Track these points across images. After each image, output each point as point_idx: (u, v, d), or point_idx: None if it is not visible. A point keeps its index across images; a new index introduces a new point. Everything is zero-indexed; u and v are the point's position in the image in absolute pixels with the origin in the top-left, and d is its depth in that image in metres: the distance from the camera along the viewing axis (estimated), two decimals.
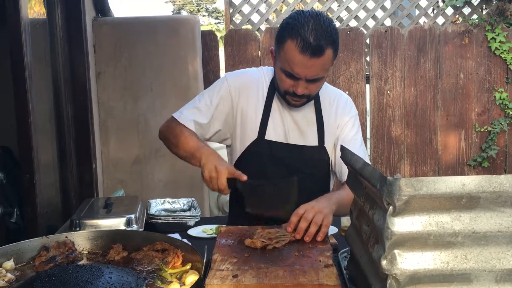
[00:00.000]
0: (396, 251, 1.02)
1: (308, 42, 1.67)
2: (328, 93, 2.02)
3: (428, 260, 1.02)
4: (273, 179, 1.83)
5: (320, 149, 1.96)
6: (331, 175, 2.03)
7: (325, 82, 2.06)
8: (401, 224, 1.00)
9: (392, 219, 1.00)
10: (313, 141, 1.95)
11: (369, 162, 1.32)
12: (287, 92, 1.83)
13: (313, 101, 1.95)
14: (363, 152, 1.98)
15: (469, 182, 0.97)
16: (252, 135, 1.94)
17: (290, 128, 1.94)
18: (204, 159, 1.74)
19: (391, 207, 1.00)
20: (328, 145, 1.97)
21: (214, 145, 2.09)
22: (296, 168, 1.93)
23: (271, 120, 1.94)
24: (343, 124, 1.99)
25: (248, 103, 1.95)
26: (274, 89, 1.94)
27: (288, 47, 1.72)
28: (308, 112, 1.96)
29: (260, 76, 1.99)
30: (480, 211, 1.00)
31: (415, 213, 1.00)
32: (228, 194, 1.86)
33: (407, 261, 1.02)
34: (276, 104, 1.95)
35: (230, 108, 1.95)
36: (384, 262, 1.02)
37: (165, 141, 1.99)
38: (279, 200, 1.67)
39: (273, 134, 1.93)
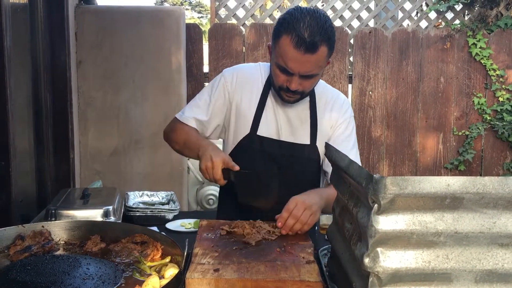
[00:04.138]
0: (379, 249, 1.02)
1: (303, 38, 1.67)
2: (326, 92, 2.03)
3: (410, 259, 1.03)
4: (263, 170, 1.89)
5: (312, 147, 1.95)
6: (321, 174, 2.03)
7: (325, 82, 2.07)
8: (385, 223, 1.01)
9: (376, 217, 1.01)
10: (305, 139, 1.95)
11: (360, 164, 1.31)
12: (281, 88, 1.83)
13: (308, 99, 1.95)
14: (354, 154, 1.96)
15: (453, 183, 0.98)
16: (244, 130, 1.94)
17: (283, 124, 1.94)
18: (201, 151, 1.77)
19: (376, 205, 1.00)
20: (320, 144, 1.95)
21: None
22: (286, 165, 1.93)
23: (265, 116, 1.94)
24: (337, 124, 1.98)
25: (242, 98, 1.95)
26: (270, 85, 1.94)
27: (282, 42, 1.72)
28: (302, 110, 1.96)
29: (256, 72, 2.00)
30: (463, 211, 1.01)
31: (399, 211, 1.01)
32: (214, 188, 1.87)
33: (390, 259, 1.02)
34: (270, 101, 1.95)
35: (227, 104, 1.97)
36: (366, 260, 1.02)
37: (169, 141, 2.03)
38: (264, 188, 1.73)
39: (265, 130, 1.93)
